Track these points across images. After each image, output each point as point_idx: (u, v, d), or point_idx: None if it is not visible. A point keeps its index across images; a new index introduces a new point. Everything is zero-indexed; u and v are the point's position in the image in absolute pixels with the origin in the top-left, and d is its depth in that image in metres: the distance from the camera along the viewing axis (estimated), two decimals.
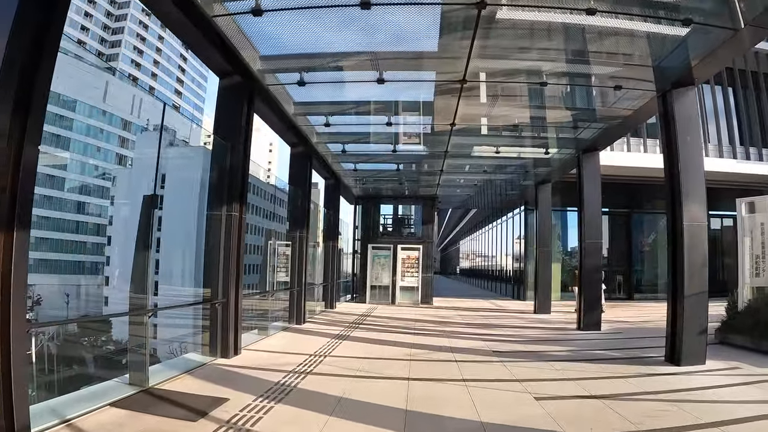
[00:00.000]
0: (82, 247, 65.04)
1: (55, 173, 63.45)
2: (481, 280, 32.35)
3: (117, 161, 71.94)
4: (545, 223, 15.12)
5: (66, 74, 63.83)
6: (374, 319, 13.28)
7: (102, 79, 70.13)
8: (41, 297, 40.96)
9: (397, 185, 17.51)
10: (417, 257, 17.83)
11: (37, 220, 59.63)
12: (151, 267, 6.16)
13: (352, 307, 16.85)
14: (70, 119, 64.41)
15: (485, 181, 16.31)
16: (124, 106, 70.08)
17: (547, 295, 14.76)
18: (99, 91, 66.59)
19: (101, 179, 67.62)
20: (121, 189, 56.39)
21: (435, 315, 14.21)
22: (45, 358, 15.15)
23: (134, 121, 71.11)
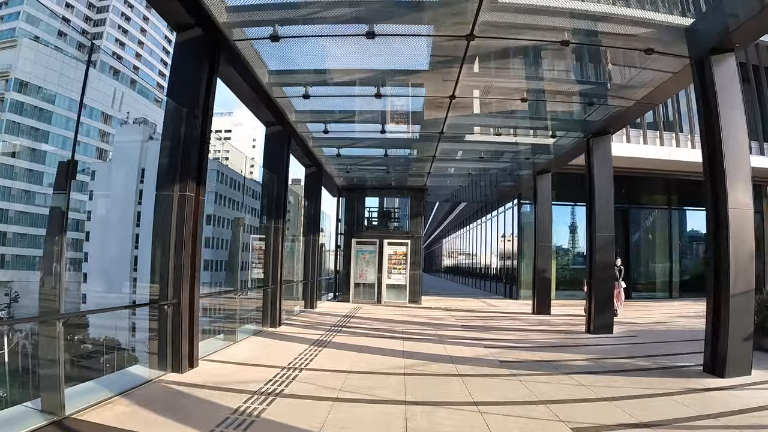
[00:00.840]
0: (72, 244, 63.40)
1: (34, 167, 61.53)
2: (470, 277, 31.20)
3: (97, 156, 70.16)
4: (545, 217, 13.94)
5: (46, 66, 61.86)
6: (359, 320, 11.94)
7: (83, 71, 67.89)
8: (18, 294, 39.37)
9: (384, 174, 16.17)
10: (404, 253, 16.53)
11: (15, 215, 58.73)
12: (62, 262, 4.74)
13: (335, 306, 15.47)
14: (50, 112, 62.51)
15: (480, 170, 15.06)
16: (105, 99, 68.20)
17: (547, 295, 13.59)
18: (78, 83, 64.71)
19: (80, 174, 65.82)
20: (100, 183, 55.10)
21: (426, 316, 12.92)
22: None
23: (115, 115, 70.01)
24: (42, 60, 58.30)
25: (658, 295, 19.93)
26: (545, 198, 13.99)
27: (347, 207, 17.83)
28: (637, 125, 17.92)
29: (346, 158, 14.18)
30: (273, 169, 10.64)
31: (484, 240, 26.94)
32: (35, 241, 60.28)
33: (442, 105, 9.11)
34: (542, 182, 14.07)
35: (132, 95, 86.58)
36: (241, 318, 9.70)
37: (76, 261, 56.26)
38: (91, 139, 69.51)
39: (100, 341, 11.25)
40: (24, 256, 58.06)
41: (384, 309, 14.85)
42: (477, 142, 12.44)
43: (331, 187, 17.90)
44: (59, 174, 4.89)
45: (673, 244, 20.30)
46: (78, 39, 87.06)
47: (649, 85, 8.19)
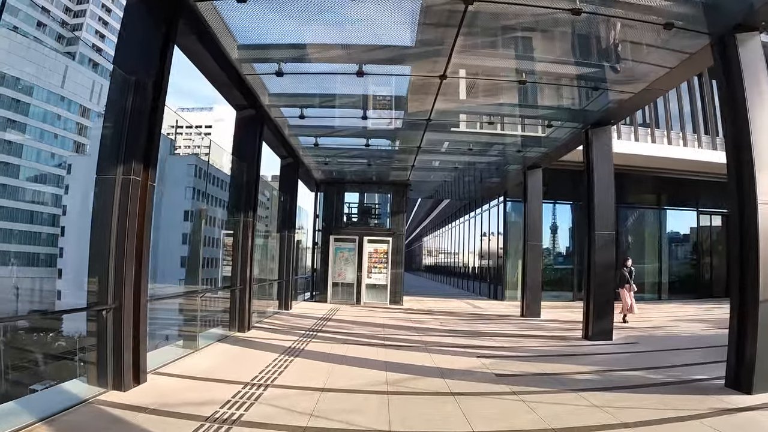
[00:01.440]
0: (36, 238, 61.40)
1: (10, 160, 59.61)
2: (452, 277, 30.45)
3: (75, 149, 68.65)
4: (535, 214, 13.17)
5: (24, 58, 60.01)
6: (336, 324, 10.98)
7: (61, 63, 66.59)
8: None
9: (366, 168, 15.22)
10: (385, 251, 15.62)
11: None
12: None
13: (311, 307, 14.48)
14: (27, 104, 60.57)
15: (466, 164, 14.21)
16: (83, 92, 67.52)
17: (538, 297, 12.81)
18: (58, 76, 63.50)
19: (56, 167, 64.21)
20: (77, 177, 54.30)
21: (408, 319, 12.03)
22: None
23: (93, 108, 69.00)
24: (20, 51, 56.49)
25: (646, 296, 19.35)
26: (536, 195, 13.22)
27: (326, 202, 16.84)
28: (627, 122, 17.32)
29: (324, 149, 13.20)
30: (243, 156, 9.62)
31: (467, 238, 26.20)
32: (7, 236, 58.68)
33: (431, 87, 8.19)
34: (533, 178, 13.30)
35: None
36: (205, 322, 8.65)
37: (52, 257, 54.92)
38: (69, 132, 67.98)
39: (33, 350, 10.09)
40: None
41: (363, 310, 13.92)
42: (465, 133, 11.58)
43: (309, 181, 16.90)
44: None
45: (663, 244, 19.80)
46: (57, 30, 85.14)
47: (661, 68, 7.41)
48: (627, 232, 19.59)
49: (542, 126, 10.94)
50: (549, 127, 10.06)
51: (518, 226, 18.73)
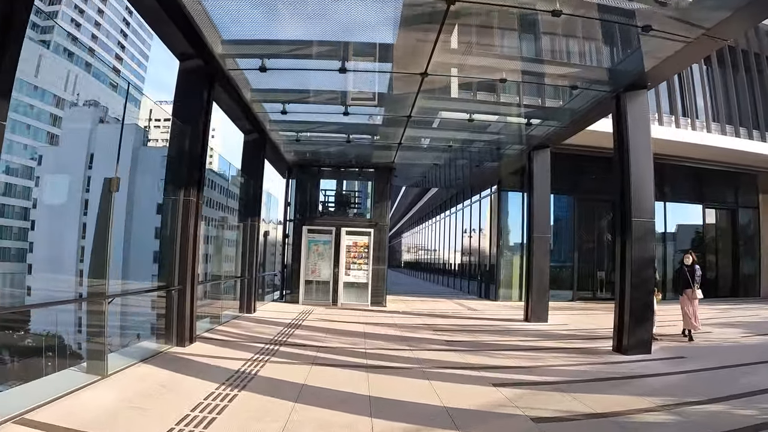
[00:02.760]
0: (7, 233, 58.36)
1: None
2: (440, 274, 28.58)
3: (48, 140, 65.57)
4: (542, 202, 11.27)
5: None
6: (307, 332, 8.92)
7: (35, 52, 63.43)
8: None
9: (344, 148, 13.16)
10: (366, 245, 13.58)
11: None
12: None
13: (280, 310, 12.37)
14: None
15: (461, 143, 12.23)
16: (57, 82, 64.64)
17: (544, 299, 10.95)
18: (31, 64, 60.83)
19: (28, 159, 60.93)
20: (47, 169, 51.58)
21: (394, 325, 10.03)
22: None
23: (67, 98, 66.32)
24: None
25: None
26: (543, 179, 11.32)
27: (299, 188, 14.72)
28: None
29: (295, 122, 11.14)
30: (187, 118, 7.49)
31: (455, 233, 24.33)
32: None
33: (427, 34, 6.23)
34: (539, 160, 11.40)
35: (87, 78, 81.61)
36: (126, 333, 6.51)
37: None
38: (42, 123, 64.80)
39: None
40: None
41: (341, 314, 11.87)
42: (464, 101, 9.64)
43: (279, 164, 14.76)
44: None
45: (666, 239, 18.22)
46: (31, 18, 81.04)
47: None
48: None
49: (559, 93, 9.09)
50: (574, 88, 8.11)
51: (514, 219, 16.97)
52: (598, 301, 16.52)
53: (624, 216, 7.53)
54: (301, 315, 11.33)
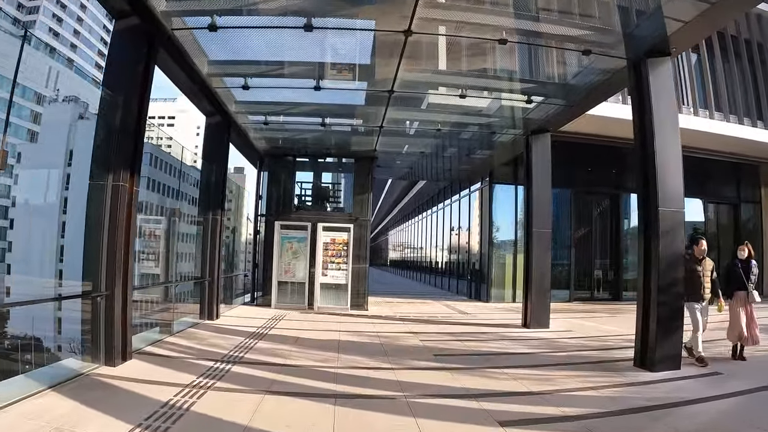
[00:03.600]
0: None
1: None
2: (427, 273, 27.30)
3: (29, 138, 63.47)
4: (542, 192, 10.01)
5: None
6: (270, 345, 7.54)
7: (15, 47, 61.37)
8: None
9: (320, 134, 11.80)
10: (345, 241, 12.21)
11: None
12: None
13: (248, 315, 10.98)
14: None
15: (451, 128, 10.91)
16: (39, 78, 61.21)
17: (545, 302, 9.70)
18: (12, 60, 59.38)
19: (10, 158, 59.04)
20: (26, 166, 50.26)
21: (376, 334, 8.69)
22: None
23: (47, 94, 64.43)
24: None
25: None
26: (543, 167, 10.07)
27: (272, 180, 13.30)
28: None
29: (262, 102, 9.77)
30: (119, 86, 6.09)
31: (443, 229, 23.07)
32: None
33: None
34: (539, 146, 10.15)
35: (68, 74, 79.46)
36: (44, 349, 5.09)
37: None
38: (23, 120, 62.60)
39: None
40: None
41: (315, 319, 10.51)
42: (455, 75, 8.33)
43: (250, 153, 13.33)
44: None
45: None
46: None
47: None
48: (631, 222, 16.81)
49: (565, 64, 7.83)
50: (586, 53, 6.80)
51: (507, 214, 15.76)
52: (597, 302, 15.38)
53: (647, 205, 6.29)
54: (270, 322, 9.95)
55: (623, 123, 13.54)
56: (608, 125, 13.49)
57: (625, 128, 13.97)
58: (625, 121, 13.57)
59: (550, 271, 9.79)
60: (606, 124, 13.28)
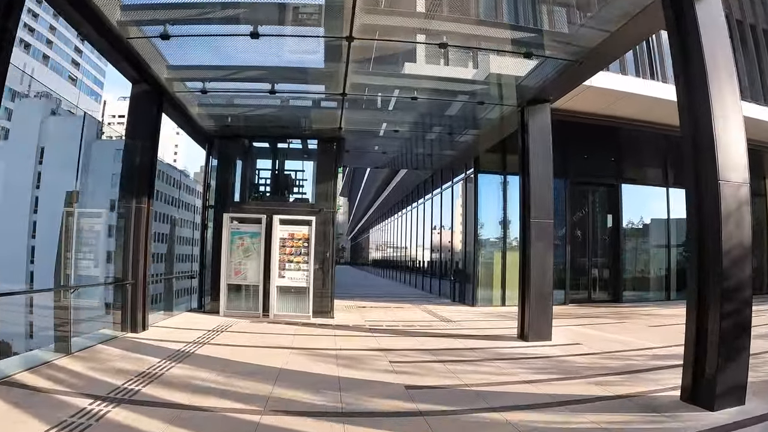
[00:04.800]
0: None
1: None
2: (407, 273, 25.48)
3: (3, 135, 60.87)
4: (541, 175, 8.20)
5: None
6: (187, 372, 5.59)
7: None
8: None
9: (276, 110, 9.91)
10: (306, 236, 10.28)
11: None
12: None
13: (186, 326, 9.00)
14: None
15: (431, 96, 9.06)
16: (13, 73, 59.42)
17: (547, 308, 7.90)
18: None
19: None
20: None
21: (335, 354, 6.79)
22: None
23: (18, 89, 61.81)
24: None
25: (651, 296, 15.12)
26: (541, 145, 8.27)
27: (222, 165, 11.32)
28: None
29: (195, 67, 7.86)
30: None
31: (423, 226, 21.26)
32: None
33: None
34: (536, 119, 8.34)
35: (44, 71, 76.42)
36: None
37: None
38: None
39: None
40: None
41: (266, 331, 8.58)
42: (434, 20, 6.47)
43: (196, 134, 11.33)
44: None
45: (670, 229, 15.57)
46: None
47: None
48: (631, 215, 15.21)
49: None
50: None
51: (494, 207, 13.98)
52: (596, 304, 13.71)
53: (700, 179, 4.50)
54: (209, 335, 8.01)
55: (632, 99, 11.87)
56: (615, 102, 11.84)
57: (633, 105, 12.38)
58: (636, 96, 11.99)
59: (552, 270, 7.99)
60: (612, 100, 11.61)
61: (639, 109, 12.43)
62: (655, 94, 11.62)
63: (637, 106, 12.12)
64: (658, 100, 11.58)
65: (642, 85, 11.91)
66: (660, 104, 11.59)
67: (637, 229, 15.47)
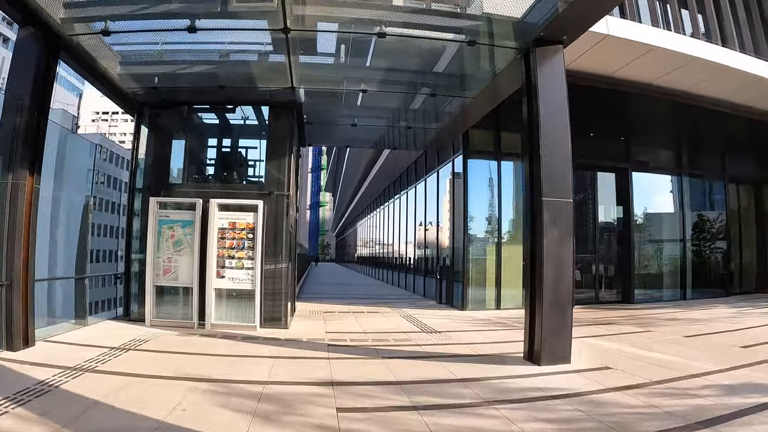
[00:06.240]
0: None
1: None
2: (386, 270, 23.36)
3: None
4: (557, 140, 6.11)
5: None
6: (21, 426, 3.45)
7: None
8: None
9: (214, 68, 7.75)
10: (252, 226, 8.10)
11: None
12: None
13: (92, 340, 6.78)
14: None
15: (403, 55, 6.97)
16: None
17: (564, 318, 5.82)
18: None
19: None
20: None
21: (260, 394, 4.63)
22: None
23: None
24: None
25: (664, 295, 13.22)
26: (555, 101, 6.17)
27: (152, 139, 9.10)
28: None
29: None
30: None
31: (406, 218, 19.19)
32: None
33: None
34: (546, 67, 6.26)
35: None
36: None
37: None
38: None
39: None
40: None
41: (191, 350, 6.41)
42: None
43: (123, 101, 9.08)
44: None
45: (686, 223, 13.69)
46: None
47: None
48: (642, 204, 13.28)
49: None
50: None
51: (486, 195, 11.94)
52: (604, 306, 11.78)
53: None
54: (106, 355, 5.84)
55: (667, 58, 9.65)
56: (638, 60, 9.76)
57: (663, 65, 10.11)
58: (676, 55, 9.77)
59: (572, 268, 5.90)
60: (634, 56, 9.51)
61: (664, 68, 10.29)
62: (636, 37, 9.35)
63: (664, 64, 9.99)
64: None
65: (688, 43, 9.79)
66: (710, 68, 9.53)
67: (649, 221, 13.55)
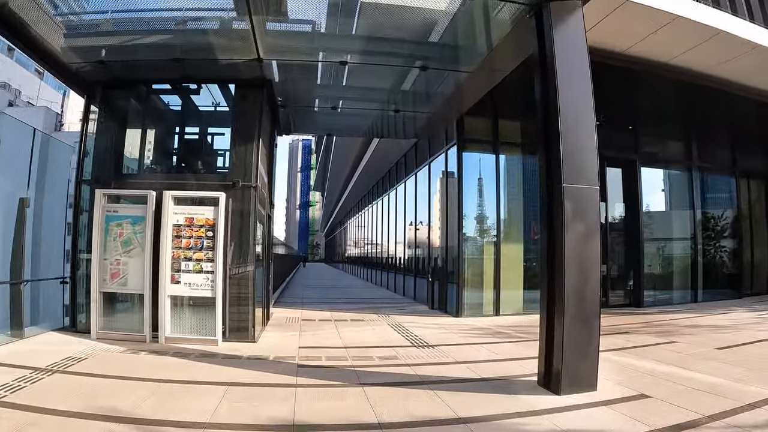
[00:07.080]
0: None
1: None
2: (375, 271, 22.20)
3: None
4: (579, 108, 4.96)
5: None
6: None
7: None
8: None
9: (165, 35, 6.56)
10: (212, 222, 6.92)
11: None
12: None
13: (19, 358, 5.55)
14: None
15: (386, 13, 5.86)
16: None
17: (591, 334, 4.69)
18: None
19: None
20: None
21: None
22: None
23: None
24: None
25: (675, 297, 12.22)
26: (576, 67, 5.05)
27: (102, 123, 7.86)
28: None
29: None
30: None
31: (396, 216, 18.06)
32: None
33: None
34: (563, 27, 5.14)
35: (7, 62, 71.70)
36: None
37: None
38: None
39: None
40: None
41: (128, 373, 5.21)
42: None
43: (71, 80, 7.87)
44: None
45: (696, 221, 12.69)
46: None
47: None
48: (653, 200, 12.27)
49: None
50: None
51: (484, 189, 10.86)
52: (614, 311, 10.69)
53: None
54: (24, 380, 4.63)
55: (681, 29, 8.42)
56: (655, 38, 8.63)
57: (679, 39, 8.82)
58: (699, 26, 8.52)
59: (599, 271, 4.77)
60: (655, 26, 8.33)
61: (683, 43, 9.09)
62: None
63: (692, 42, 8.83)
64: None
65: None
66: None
67: (657, 218, 12.54)
